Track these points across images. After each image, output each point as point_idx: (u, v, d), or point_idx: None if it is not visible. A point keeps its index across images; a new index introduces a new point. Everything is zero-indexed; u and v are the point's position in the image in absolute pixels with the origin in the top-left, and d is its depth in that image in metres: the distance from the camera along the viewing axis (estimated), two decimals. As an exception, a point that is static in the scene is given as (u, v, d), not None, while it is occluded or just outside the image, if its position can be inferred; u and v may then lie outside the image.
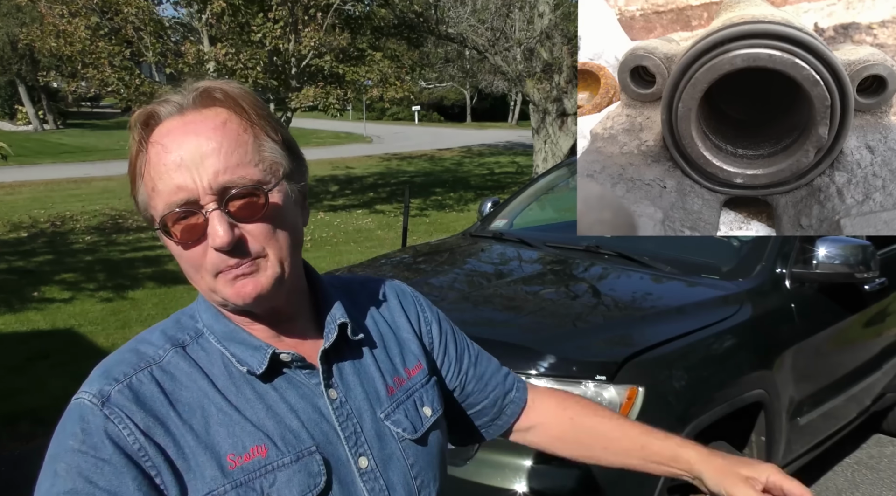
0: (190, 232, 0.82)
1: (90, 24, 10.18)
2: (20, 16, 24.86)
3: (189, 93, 0.86)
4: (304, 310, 0.96)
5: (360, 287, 1.09)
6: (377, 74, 11.43)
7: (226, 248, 0.81)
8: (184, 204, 0.81)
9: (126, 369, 0.85)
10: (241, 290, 0.84)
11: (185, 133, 0.82)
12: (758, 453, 2.70)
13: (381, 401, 0.96)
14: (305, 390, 0.90)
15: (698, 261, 3.11)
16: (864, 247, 2.90)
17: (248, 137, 0.84)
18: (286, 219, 0.87)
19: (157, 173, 0.82)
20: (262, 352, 0.88)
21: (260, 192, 0.83)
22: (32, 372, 4.88)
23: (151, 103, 0.87)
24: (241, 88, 0.88)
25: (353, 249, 8.95)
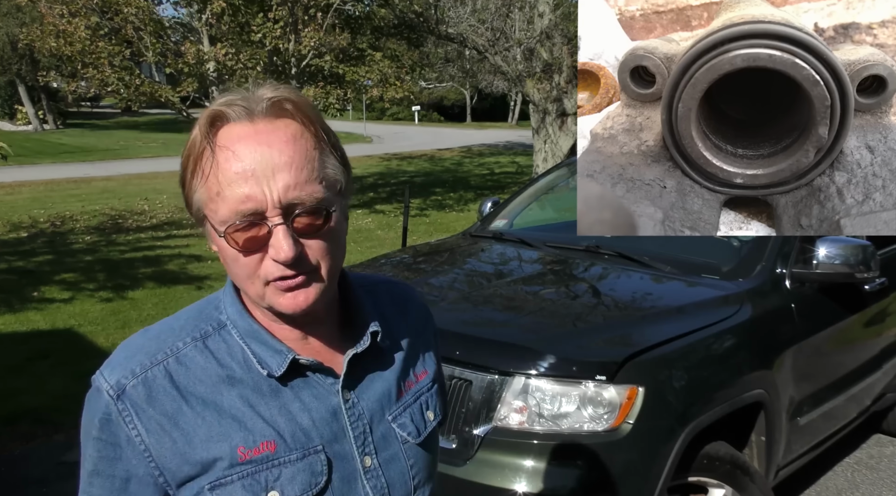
0: (252, 241, 0.84)
1: (90, 24, 10.18)
2: (20, 16, 24.86)
3: (259, 100, 0.86)
4: (333, 313, 0.98)
5: (384, 289, 1.11)
6: (377, 74, 11.43)
7: (289, 262, 0.84)
8: (251, 214, 0.83)
9: (144, 361, 0.90)
10: (293, 301, 0.87)
11: (258, 143, 0.83)
12: (758, 453, 2.70)
13: (391, 404, 1.00)
14: (321, 390, 0.94)
15: (698, 261, 3.11)
16: (864, 247, 2.90)
17: (316, 154, 0.86)
18: (340, 235, 0.91)
19: (225, 179, 0.83)
20: (282, 356, 0.91)
21: (324, 210, 0.86)
22: (32, 372, 4.88)
23: (217, 103, 0.87)
24: (308, 100, 0.89)
25: (353, 249, 8.95)
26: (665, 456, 2.23)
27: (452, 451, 2.27)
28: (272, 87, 0.88)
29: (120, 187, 15.61)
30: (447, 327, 2.51)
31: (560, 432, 2.22)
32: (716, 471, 2.43)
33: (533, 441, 2.22)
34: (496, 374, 2.30)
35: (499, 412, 2.26)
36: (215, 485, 0.87)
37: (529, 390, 2.26)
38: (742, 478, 2.47)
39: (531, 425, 2.24)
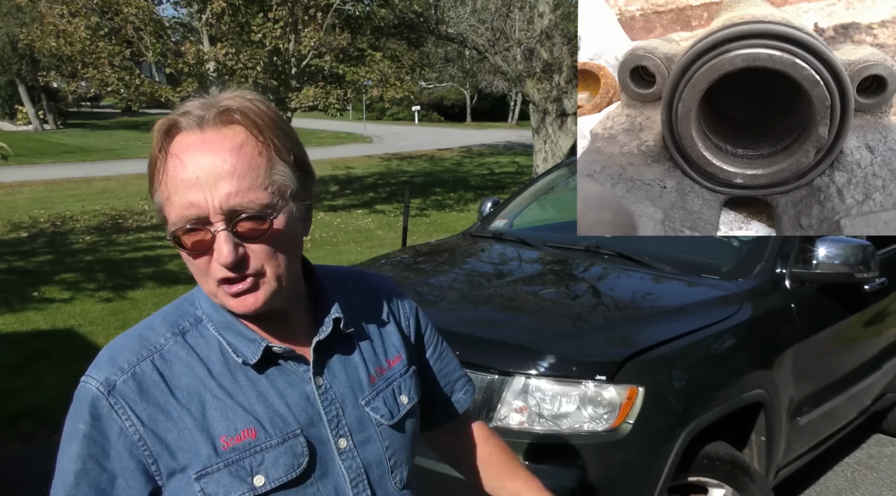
0: (199, 244, 0.89)
1: (90, 24, 10.18)
2: (20, 16, 24.86)
3: (211, 108, 0.89)
4: (300, 306, 1.03)
5: (351, 280, 1.15)
6: (377, 74, 11.43)
7: (229, 266, 0.88)
8: (194, 220, 0.87)
9: (130, 358, 0.93)
10: (242, 304, 0.92)
11: (203, 151, 0.87)
12: (758, 453, 2.70)
13: (363, 389, 1.05)
14: (294, 378, 0.98)
15: (698, 261, 3.11)
16: (864, 247, 2.90)
17: (261, 161, 0.89)
18: (288, 238, 0.93)
19: (173, 186, 0.88)
20: (256, 345, 0.96)
21: (266, 216, 0.89)
22: (32, 372, 4.88)
23: (175, 112, 0.91)
24: (263, 106, 0.92)
25: (353, 249, 8.95)
26: (665, 456, 2.23)
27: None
28: (230, 94, 0.92)
29: (120, 187, 15.61)
30: (447, 327, 2.51)
31: (560, 432, 2.22)
32: (716, 471, 2.43)
33: (533, 441, 2.22)
34: (496, 374, 2.30)
35: (499, 412, 2.26)
36: (202, 475, 0.91)
37: (529, 390, 2.26)
38: (742, 478, 2.47)
39: (531, 425, 2.24)
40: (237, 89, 0.95)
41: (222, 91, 0.94)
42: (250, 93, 0.94)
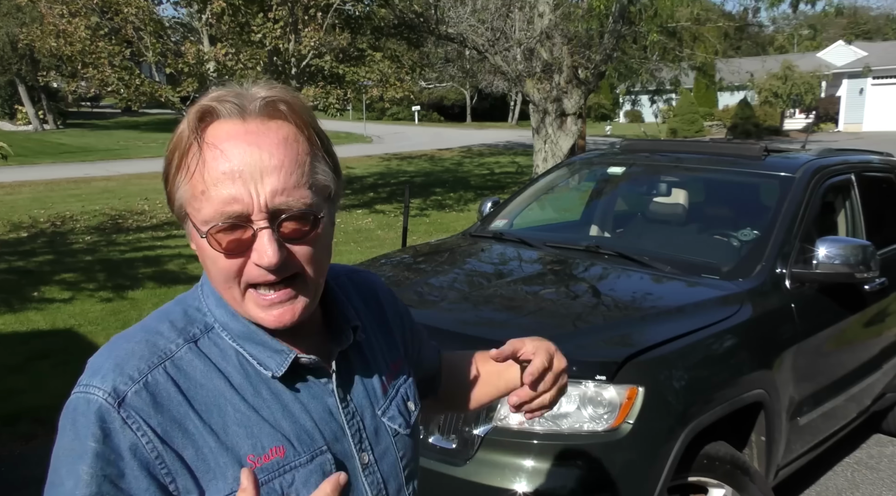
0: (236, 244, 0.81)
1: (90, 24, 10.17)
2: (20, 16, 24.85)
3: (253, 99, 0.83)
4: (316, 313, 0.95)
5: (347, 280, 1.08)
6: (377, 74, 11.42)
7: (273, 268, 0.81)
8: (236, 216, 0.80)
9: (140, 365, 0.83)
10: (279, 319, 0.85)
11: (248, 143, 0.80)
12: (758, 453, 2.70)
13: (378, 399, 1.00)
14: (316, 390, 0.92)
15: (698, 261, 3.11)
16: (864, 247, 2.90)
17: (307, 159, 0.83)
18: (327, 241, 0.88)
19: (211, 178, 0.79)
20: (283, 356, 0.88)
21: (312, 216, 0.83)
22: (32, 372, 4.88)
23: (208, 98, 0.83)
24: (303, 103, 0.86)
25: (353, 249, 8.95)
26: (665, 456, 2.23)
27: (452, 451, 2.27)
28: (267, 86, 0.85)
29: (120, 187, 15.61)
30: (447, 327, 2.51)
31: (560, 432, 2.22)
32: (716, 471, 2.43)
33: (533, 441, 2.22)
34: (496, 374, 2.30)
35: (499, 412, 2.26)
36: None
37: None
38: (742, 478, 2.47)
39: (531, 425, 2.24)
40: (264, 81, 0.87)
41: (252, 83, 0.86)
42: (290, 89, 0.87)
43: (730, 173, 3.65)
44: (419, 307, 2.79)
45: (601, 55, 9.84)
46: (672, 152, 4.04)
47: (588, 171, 4.42)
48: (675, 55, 14.22)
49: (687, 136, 29.65)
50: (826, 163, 3.47)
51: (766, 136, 30.65)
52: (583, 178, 4.48)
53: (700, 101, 36.46)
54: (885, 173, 3.99)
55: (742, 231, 3.35)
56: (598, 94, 36.59)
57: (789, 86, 34.07)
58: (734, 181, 3.68)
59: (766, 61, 24.44)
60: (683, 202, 3.76)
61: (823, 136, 29.04)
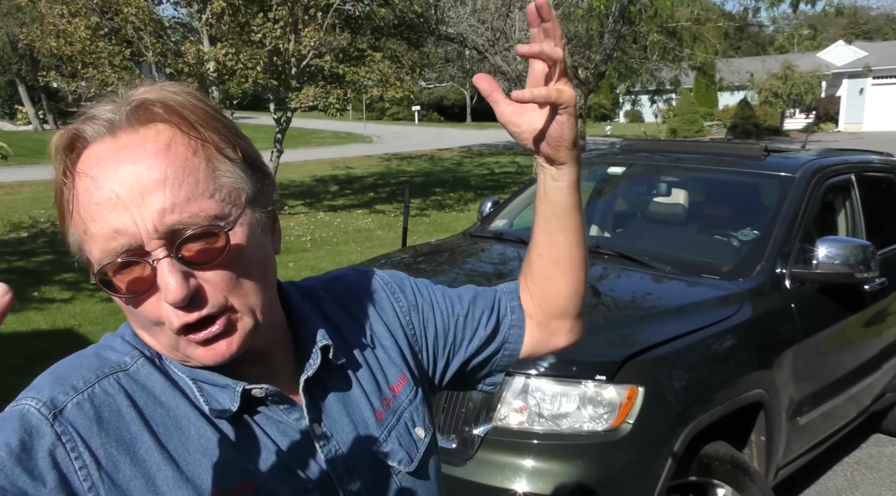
0: (136, 284, 0.68)
1: (90, 24, 10.18)
2: (20, 16, 24.86)
3: (121, 106, 0.70)
4: (280, 340, 0.82)
5: (323, 292, 0.92)
6: (377, 74, 11.43)
7: (181, 304, 0.67)
8: (125, 252, 0.67)
9: (87, 375, 0.70)
10: (213, 354, 0.71)
11: (119, 161, 0.66)
12: (758, 453, 2.70)
13: (371, 431, 0.84)
14: (287, 427, 0.77)
15: (698, 261, 3.11)
16: (864, 247, 2.90)
17: (198, 161, 0.69)
18: (253, 257, 0.72)
19: (87, 213, 0.67)
20: (230, 391, 0.74)
21: (219, 231, 0.68)
22: (33, 372, 4.78)
23: (76, 120, 0.71)
24: (187, 94, 0.72)
25: (353, 249, 8.95)
26: (665, 456, 2.23)
27: (452, 451, 2.27)
28: (146, 87, 0.72)
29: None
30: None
31: (560, 432, 2.22)
32: (716, 471, 2.43)
33: (533, 441, 2.22)
34: (496, 374, 2.30)
35: (499, 412, 2.26)
36: None
37: (529, 390, 2.26)
38: (742, 478, 2.47)
39: (531, 425, 2.24)
40: (156, 82, 0.74)
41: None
42: (172, 84, 0.73)
43: (730, 173, 3.65)
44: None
45: (601, 55, 9.85)
46: (672, 152, 4.04)
47: (588, 171, 4.42)
48: (675, 55, 14.23)
49: (687, 136, 29.66)
50: (826, 163, 3.47)
51: (766, 136, 30.65)
52: (583, 177, 4.47)
53: (700, 101, 36.46)
54: (885, 173, 3.99)
55: (742, 231, 3.35)
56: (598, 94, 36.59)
57: (789, 86, 34.08)
58: (734, 181, 3.68)
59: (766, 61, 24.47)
60: (683, 202, 3.76)
61: (823, 136, 29.04)
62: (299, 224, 10.98)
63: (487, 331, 1.00)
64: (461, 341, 0.99)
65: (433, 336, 0.97)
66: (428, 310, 0.98)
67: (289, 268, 7.82)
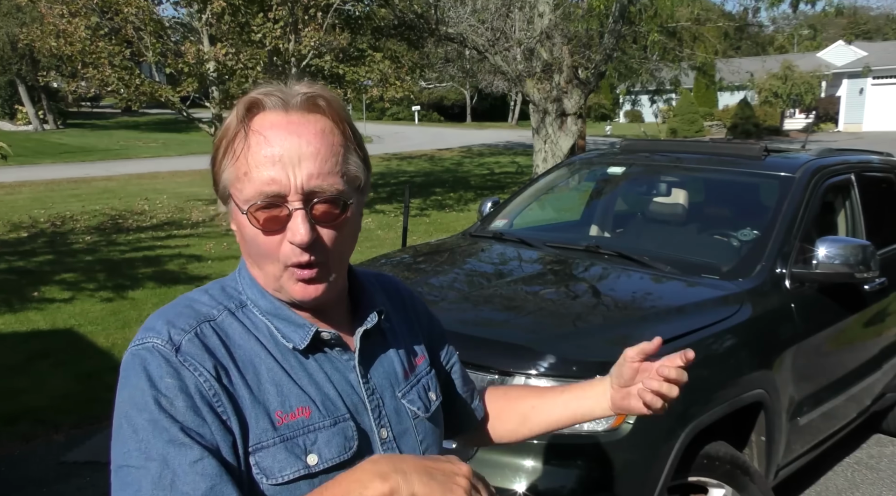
0: (272, 222, 0.90)
1: (90, 24, 10.18)
2: (20, 16, 24.86)
3: (295, 94, 0.92)
4: (342, 301, 1.04)
5: (375, 280, 1.17)
6: (377, 74, 11.43)
7: (304, 246, 0.89)
8: (274, 196, 0.88)
9: (189, 321, 0.92)
10: (305, 291, 0.93)
11: (289, 131, 0.89)
12: (758, 453, 2.70)
13: (399, 383, 1.06)
14: (339, 365, 0.99)
15: (698, 261, 3.11)
16: (864, 246, 2.90)
17: (341, 150, 0.92)
18: (353, 228, 0.97)
19: (254, 161, 0.89)
20: (305, 330, 0.96)
21: (342, 201, 0.92)
22: (32, 372, 4.88)
23: (255, 92, 0.93)
24: (340, 101, 0.95)
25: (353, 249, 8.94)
26: (665, 456, 2.23)
27: (452, 451, 2.27)
28: (308, 84, 0.94)
29: (120, 187, 15.61)
30: (447, 327, 2.50)
31: (560, 432, 2.22)
32: (716, 471, 2.43)
33: (533, 441, 2.21)
34: (496, 374, 2.30)
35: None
36: (257, 448, 0.88)
37: (529, 390, 2.26)
38: (742, 478, 2.47)
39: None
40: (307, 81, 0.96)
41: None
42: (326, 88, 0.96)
43: (730, 173, 3.65)
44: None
45: (601, 55, 9.84)
46: (672, 152, 4.04)
47: (588, 171, 4.42)
48: (675, 55, 14.23)
49: (687, 136, 29.65)
50: (826, 163, 3.47)
51: (766, 136, 30.65)
52: (583, 178, 4.48)
53: (700, 101, 36.46)
54: (885, 173, 3.99)
55: (742, 231, 3.35)
56: (598, 94, 36.59)
57: (789, 86, 34.08)
58: (734, 181, 3.68)
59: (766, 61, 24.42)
60: (683, 202, 3.76)
61: (823, 136, 29.05)
62: (299, 224, 10.97)
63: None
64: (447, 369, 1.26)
65: (440, 349, 1.24)
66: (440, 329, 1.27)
67: (289, 269, 7.82)
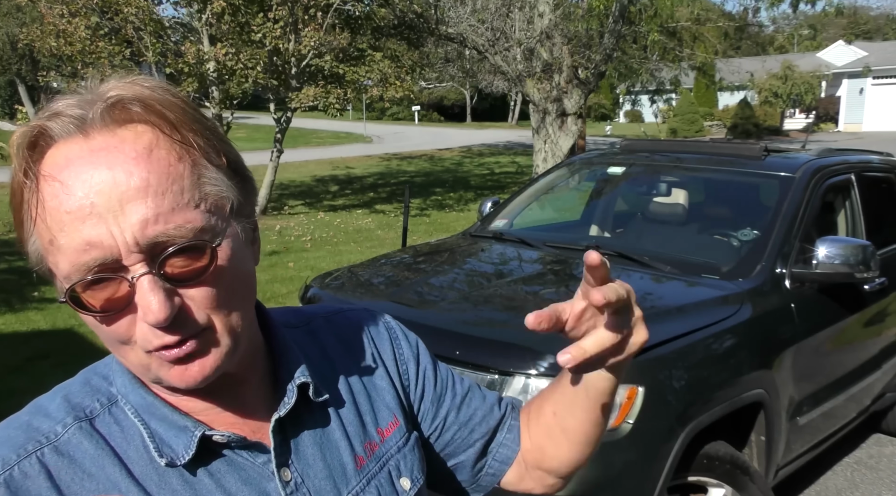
0: (110, 302, 0.61)
1: (90, 24, 10.18)
2: (20, 16, 24.87)
3: (95, 103, 0.61)
4: (256, 368, 0.76)
5: (325, 323, 0.88)
6: (377, 74, 11.43)
7: (163, 325, 0.61)
8: (98, 266, 0.60)
9: (7, 454, 0.64)
10: (184, 375, 0.65)
11: (94, 165, 0.59)
12: (757, 453, 2.70)
13: (348, 478, 0.77)
14: (250, 472, 0.71)
15: (698, 261, 3.11)
16: (864, 247, 2.90)
17: (183, 167, 0.62)
18: (238, 272, 0.66)
19: (55, 223, 0.60)
20: (187, 434, 0.68)
21: (205, 246, 0.62)
22: (33, 372, 4.89)
23: (40, 115, 0.63)
24: (164, 91, 0.64)
25: (353, 249, 8.95)
26: (665, 456, 2.23)
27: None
28: (119, 81, 0.64)
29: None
30: (447, 327, 2.52)
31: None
32: (715, 471, 2.43)
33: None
34: (496, 374, 2.30)
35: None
36: None
37: (529, 390, 2.26)
38: (742, 478, 2.47)
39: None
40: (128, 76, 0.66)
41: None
42: (146, 78, 0.66)
43: (730, 173, 3.65)
44: (419, 307, 2.79)
45: (601, 55, 9.84)
46: (672, 152, 4.04)
47: (588, 171, 4.42)
48: (675, 55, 14.23)
49: (687, 136, 29.66)
50: (826, 163, 3.47)
51: (766, 136, 30.65)
52: (583, 178, 4.48)
53: (700, 101, 36.47)
54: (885, 173, 3.99)
55: (742, 231, 3.35)
56: (598, 94, 36.60)
57: (789, 86, 34.08)
58: (734, 181, 3.68)
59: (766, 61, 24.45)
60: (683, 202, 3.76)
61: (823, 136, 29.05)
62: (299, 224, 10.98)
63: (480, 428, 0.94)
64: (450, 424, 0.92)
65: (426, 400, 0.92)
66: (430, 372, 0.93)
67: (289, 269, 7.82)
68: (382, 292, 3.07)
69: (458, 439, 0.93)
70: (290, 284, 7.04)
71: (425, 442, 0.91)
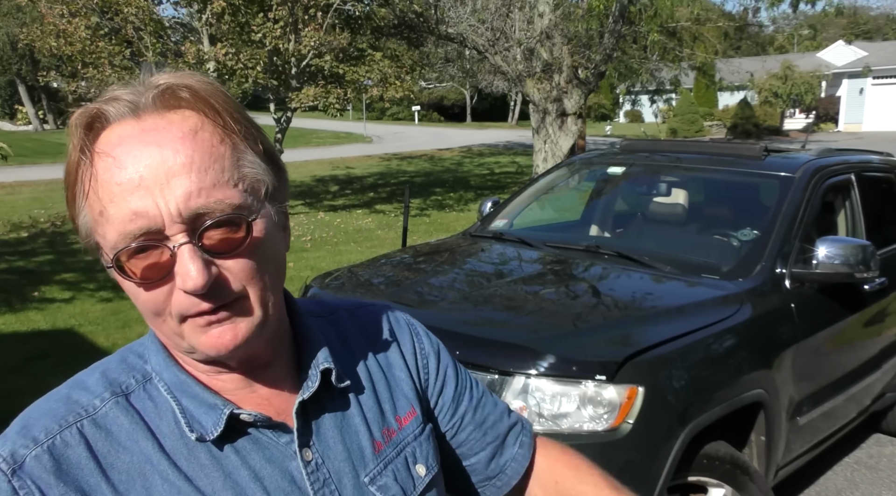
0: (152, 270, 0.66)
1: (90, 24, 10.18)
2: (20, 16, 24.88)
3: (147, 90, 0.68)
4: (283, 352, 0.80)
5: (348, 315, 0.92)
6: (377, 74, 11.44)
7: (200, 292, 0.65)
8: (143, 235, 0.65)
9: (49, 425, 0.68)
10: (217, 341, 0.68)
11: (145, 143, 0.65)
12: (757, 453, 2.70)
13: (366, 461, 0.80)
14: (274, 451, 0.75)
15: (698, 261, 3.11)
16: (864, 247, 2.90)
17: (224, 149, 0.67)
18: (270, 249, 0.71)
19: (106, 194, 0.65)
20: (217, 412, 0.72)
21: (241, 221, 0.67)
22: (33, 372, 4.89)
23: (96, 101, 0.69)
24: (212, 84, 0.70)
25: (353, 249, 8.95)
26: (665, 456, 2.23)
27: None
28: (168, 73, 0.70)
29: (120, 187, 15.58)
30: (447, 327, 2.51)
31: (560, 432, 2.22)
32: (716, 471, 2.43)
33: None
34: (496, 374, 2.30)
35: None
36: None
37: (529, 390, 2.26)
38: (742, 478, 2.47)
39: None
40: (175, 70, 0.72)
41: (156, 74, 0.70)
42: (194, 73, 0.72)
43: (730, 173, 3.65)
44: (419, 307, 2.79)
45: (601, 55, 9.84)
46: (672, 152, 4.04)
47: (588, 171, 4.42)
48: (675, 55, 14.23)
49: (687, 136, 29.66)
50: (826, 163, 3.47)
51: (766, 136, 30.65)
52: (583, 178, 4.48)
53: (700, 101, 36.47)
54: (885, 173, 4.00)
55: (742, 231, 3.35)
56: (598, 94, 36.60)
57: (789, 86, 34.08)
58: (734, 181, 3.68)
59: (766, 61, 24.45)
60: (683, 202, 3.77)
61: (823, 136, 29.05)
62: (299, 224, 10.98)
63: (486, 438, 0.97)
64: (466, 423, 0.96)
65: (446, 396, 0.95)
66: (451, 370, 0.96)
67: (289, 268, 7.82)
68: (382, 292, 3.07)
69: (472, 440, 0.96)
70: (290, 284, 7.03)
71: (441, 437, 0.94)
